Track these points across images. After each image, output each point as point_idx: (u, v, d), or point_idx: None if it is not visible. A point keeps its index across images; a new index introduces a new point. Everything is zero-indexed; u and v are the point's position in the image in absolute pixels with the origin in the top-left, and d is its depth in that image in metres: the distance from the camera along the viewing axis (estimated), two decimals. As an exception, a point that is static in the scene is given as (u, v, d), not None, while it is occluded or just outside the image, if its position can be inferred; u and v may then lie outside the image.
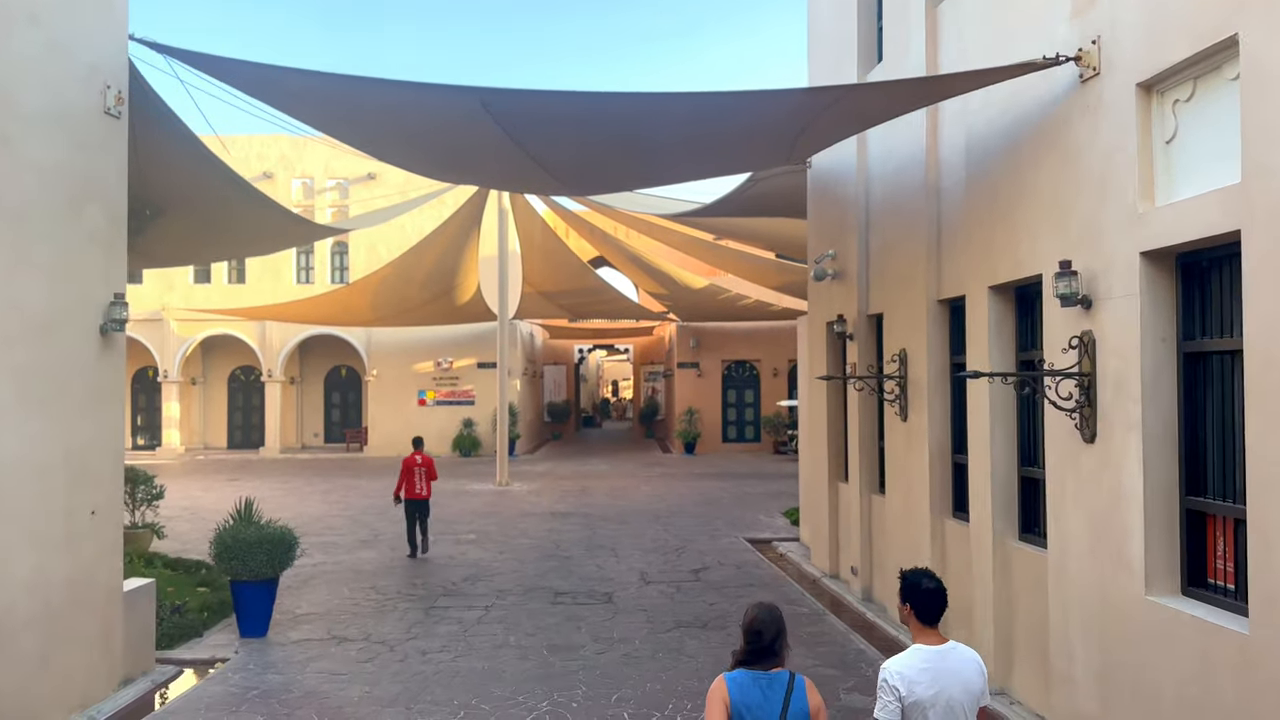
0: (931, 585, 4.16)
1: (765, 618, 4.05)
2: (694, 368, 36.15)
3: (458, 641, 10.11)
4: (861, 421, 11.81)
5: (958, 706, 4.00)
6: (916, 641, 4.15)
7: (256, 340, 36.08)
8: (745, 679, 3.96)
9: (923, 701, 3.96)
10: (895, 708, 3.97)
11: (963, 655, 4.11)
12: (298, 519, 19.09)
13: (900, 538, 10.45)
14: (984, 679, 4.14)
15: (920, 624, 4.15)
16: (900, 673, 4.01)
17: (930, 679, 3.98)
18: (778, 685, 3.93)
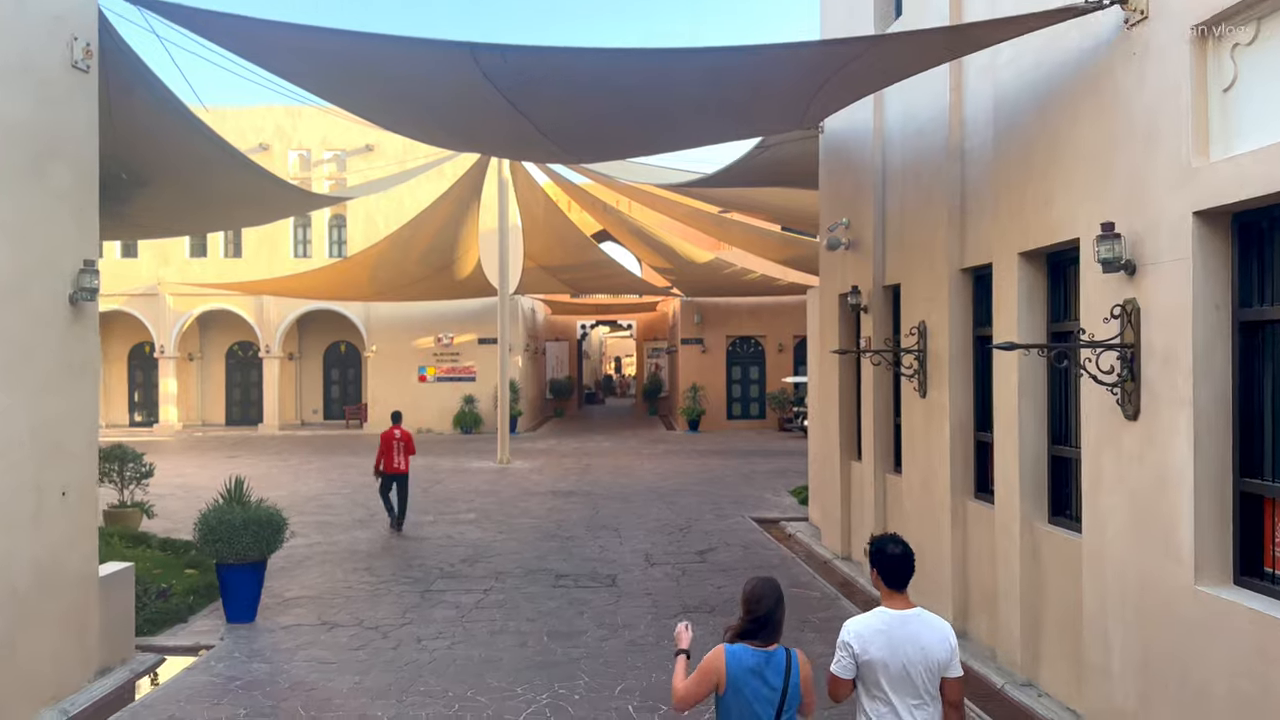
0: (897, 551, 4.20)
1: (765, 590, 4.02)
2: (698, 343, 35.61)
3: (454, 627, 9.65)
4: (876, 397, 11.30)
5: (913, 671, 4.02)
6: (883, 605, 4.21)
7: (254, 315, 35.58)
8: (745, 655, 3.92)
9: (875, 662, 4.03)
10: (849, 664, 4.08)
11: (926, 623, 4.13)
12: (293, 497, 18.70)
13: (918, 519, 9.97)
14: (950, 651, 4.11)
15: (887, 588, 4.21)
16: (857, 632, 4.11)
17: (885, 641, 4.05)
18: (776, 664, 3.91)
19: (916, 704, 4.06)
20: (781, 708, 3.88)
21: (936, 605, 9.40)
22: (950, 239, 9.16)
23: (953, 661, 4.12)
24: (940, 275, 9.35)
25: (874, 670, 4.05)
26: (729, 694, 3.89)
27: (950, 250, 9.17)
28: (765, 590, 4.04)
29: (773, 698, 3.85)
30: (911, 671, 4.03)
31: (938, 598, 9.42)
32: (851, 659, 4.08)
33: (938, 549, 9.44)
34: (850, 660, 4.08)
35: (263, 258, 34.85)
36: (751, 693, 3.85)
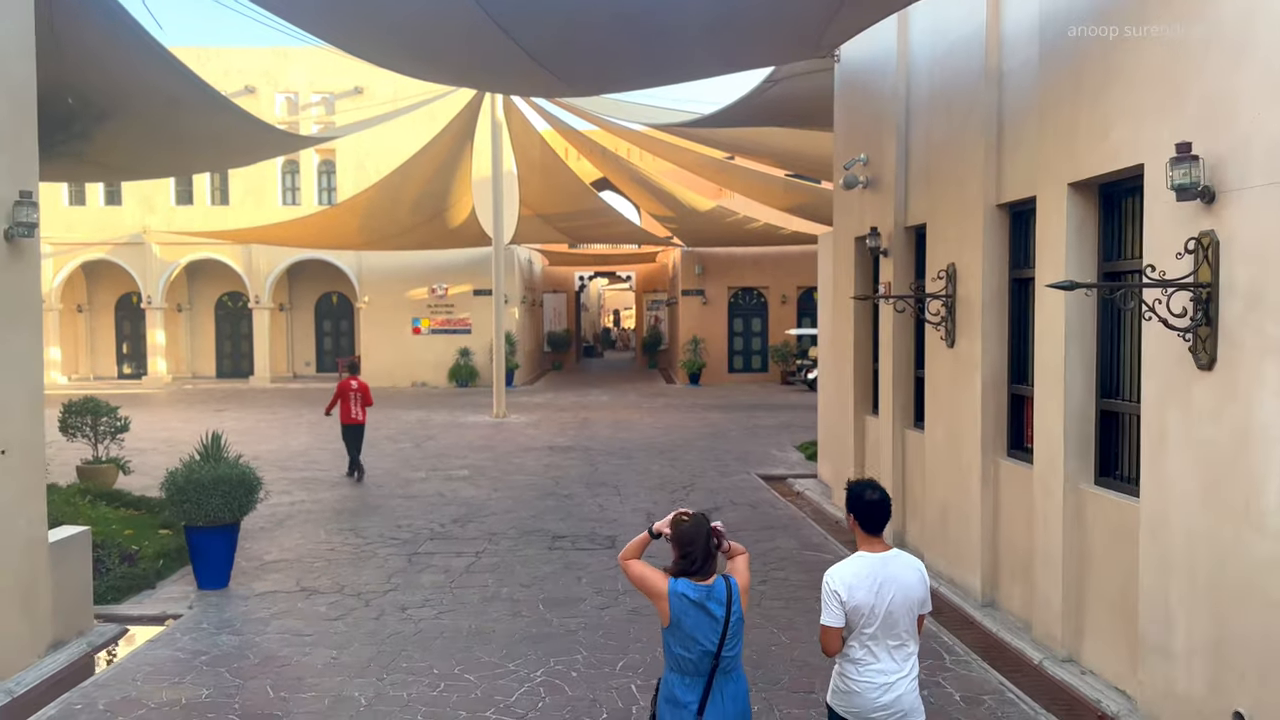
0: (874, 496, 4.22)
1: (696, 531, 4.06)
2: (699, 295, 34.74)
3: (443, 594, 8.95)
4: (896, 348, 10.51)
5: (898, 610, 4.11)
6: (860, 549, 4.24)
7: (242, 265, 34.66)
8: (688, 590, 3.98)
9: (863, 606, 4.08)
10: (839, 613, 4.09)
11: (904, 563, 4.22)
12: (280, 452, 18.00)
13: (943, 478, 9.23)
14: (925, 587, 4.24)
15: (864, 533, 4.24)
16: (842, 579, 4.12)
17: (870, 585, 4.09)
18: (718, 594, 3.98)
19: (896, 645, 4.14)
20: (725, 635, 3.94)
21: (963, 571, 8.70)
22: (986, 172, 8.31)
23: (928, 597, 4.27)
24: (973, 212, 8.51)
25: (860, 615, 4.09)
26: (672, 626, 3.97)
27: (985, 184, 8.32)
28: (696, 532, 4.06)
29: (716, 626, 3.92)
30: (895, 612, 4.11)
31: (964, 563, 8.72)
32: (840, 606, 4.10)
33: (964, 511, 8.72)
34: (839, 608, 4.09)
35: (250, 205, 33.82)
36: (693, 624, 3.92)
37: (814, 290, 35.06)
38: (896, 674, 4.12)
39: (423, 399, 29.33)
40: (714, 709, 3.93)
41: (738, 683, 4.04)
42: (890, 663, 4.12)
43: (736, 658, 4.04)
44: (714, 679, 3.94)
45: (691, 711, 3.94)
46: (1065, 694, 6.69)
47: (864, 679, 4.12)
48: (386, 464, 16.66)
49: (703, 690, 3.94)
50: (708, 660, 3.93)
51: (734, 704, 3.98)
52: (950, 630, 7.90)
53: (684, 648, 3.95)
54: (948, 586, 8.97)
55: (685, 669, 3.97)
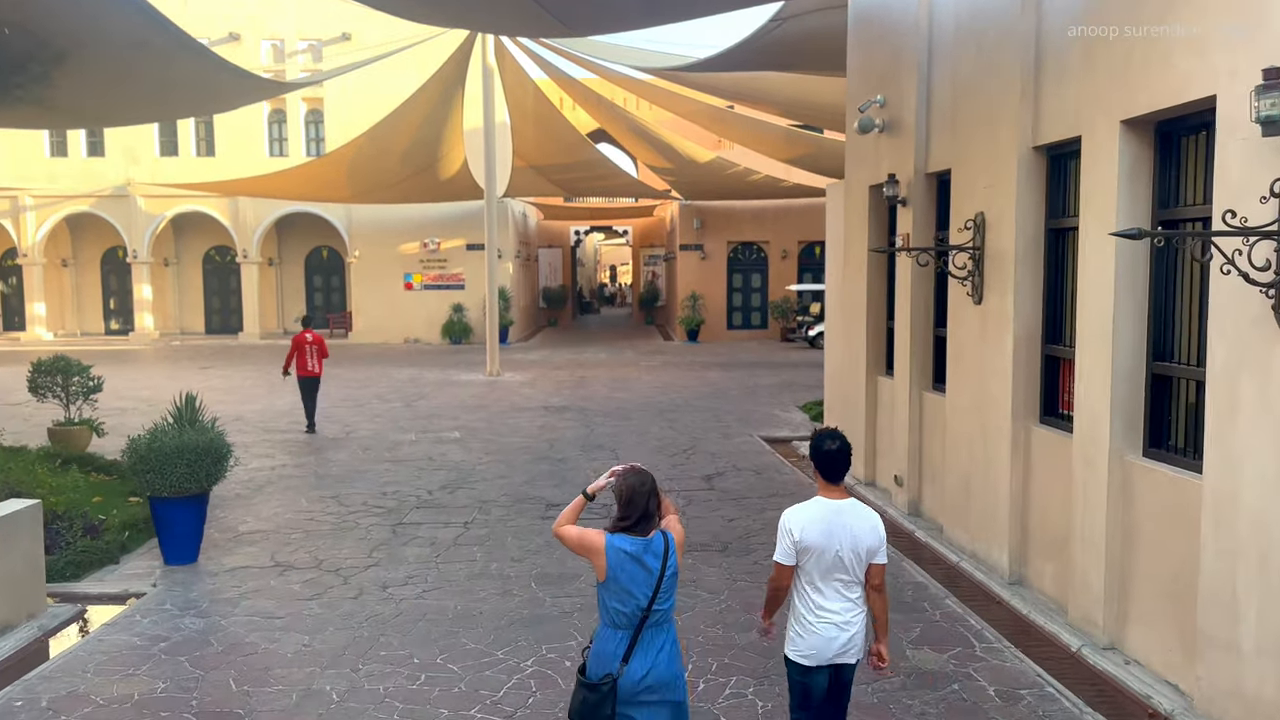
0: (833, 446, 4.35)
1: (637, 489, 4.08)
2: (697, 250, 33.92)
3: (427, 570, 8.32)
4: (914, 304, 9.80)
5: (846, 555, 4.26)
6: (819, 495, 4.39)
7: (229, 218, 33.76)
8: (625, 544, 4.01)
9: (812, 547, 4.26)
10: (790, 551, 4.30)
11: (858, 513, 4.35)
12: (265, 413, 17.33)
13: (966, 445, 8.57)
14: (878, 538, 4.34)
15: (824, 481, 4.40)
16: (797, 520, 4.31)
17: (822, 529, 4.26)
18: (655, 549, 4.02)
19: (845, 587, 4.32)
20: (658, 588, 3.98)
21: (987, 545, 8.07)
22: (1021, 110, 7.54)
23: (880, 549, 4.36)
24: (1006, 155, 7.75)
25: (810, 555, 4.28)
26: (608, 580, 3.99)
27: (1020, 124, 7.55)
28: (637, 490, 4.09)
29: (651, 579, 3.98)
30: (844, 556, 4.27)
31: (989, 537, 8.09)
32: (792, 545, 4.30)
33: (990, 480, 8.06)
34: (791, 547, 4.30)
35: (236, 156, 32.82)
36: (628, 578, 3.97)
37: (816, 245, 34.37)
38: (849, 611, 4.32)
39: (415, 356, 28.62)
40: (639, 659, 3.98)
41: (666, 634, 4.07)
42: (842, 601, 4.31)
43: (668, 611, 4.07)
44: (642, 631, 3.99)
45: (617, 657, 3.97)
46: (1110, 687, 6.08)
47: (823, 617, 4.30)
48: (375, 425, 16.00)
49: (629, 641, 3.98)
50: (639, 613, 3.98)
51: (660, 654, 4.01)
52: (977, 611, 7.28)
53: (619, 601, 3.99)
54: (970, 561, 8.34)
55: (618, 623, 4.01)
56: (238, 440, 14.58)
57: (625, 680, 3.94)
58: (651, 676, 3.97)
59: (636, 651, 3.97)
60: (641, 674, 3.95)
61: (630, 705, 3.96)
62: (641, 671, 3.95)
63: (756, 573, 8.12)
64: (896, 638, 6.73)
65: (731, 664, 6.33)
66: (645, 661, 3.97)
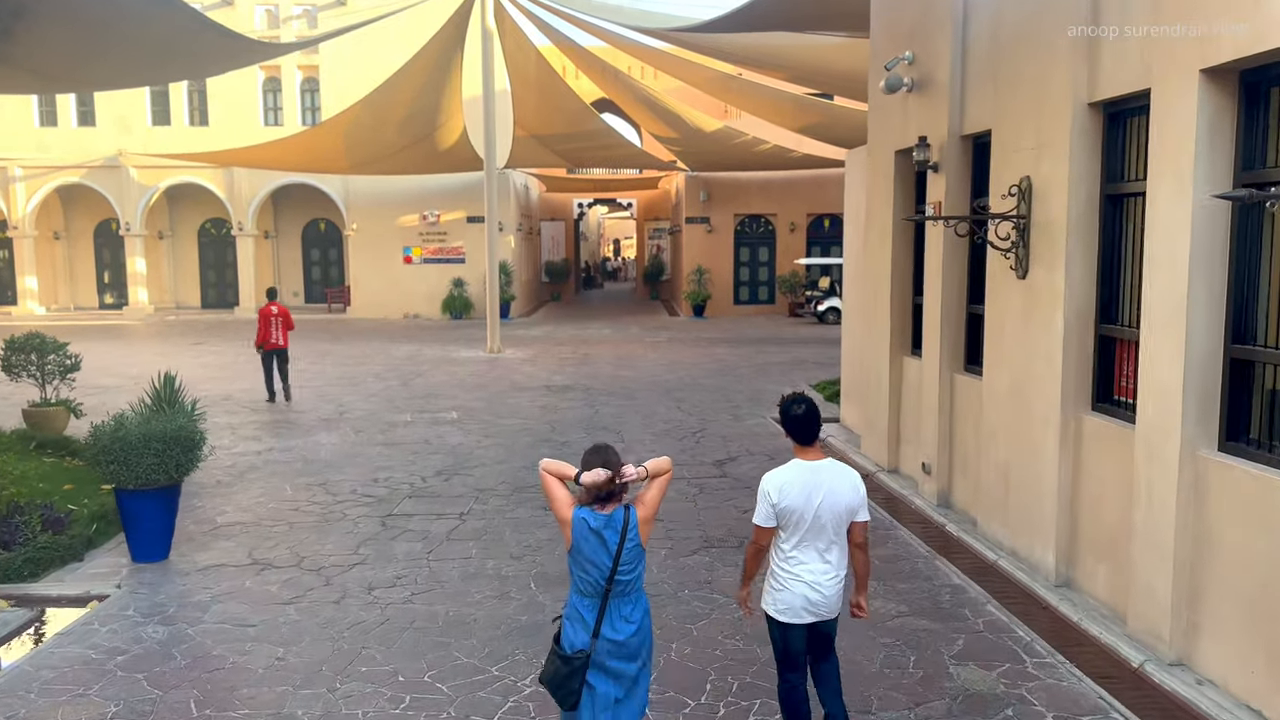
0: (800, 411, 4.46)
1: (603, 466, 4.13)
2: (704, 223, 33.07)
3: (417, 569, 7.63)
4: (946, 279, 9.04)
5: (825, 514, 4.37)
6: (795, 457, 4.48)
7: (224, 189, 32.96)
8: (589, 518, 4.09)
9: (792, 508, 4.36)
10: (770, 513, 4.40)
11: (835, 472, 4.46)
12: (254, 392, 16.64)
13: (1005, 433, 7.84)
14: (858, 495, 4.47)
15: (798, 444, 4.50)
16: (775, 483, 4.41)
17: (800, 489, 4.35)
18: (615, 523, 4.10)
19: (824, 547, 4.40)
20: (617, 561, 4.08)
21: (1029, 543, 7.37)
22: (1074, 62, 6.75)
23: (861, 507, 4.47)
24: (1057, 113, 6.97)
25: (790, 516, 4.35)
26: (574, 550, 4.13)
27: (1075, 78, 6.77)
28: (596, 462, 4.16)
29: (610, 553, 4.07)
30: (823, 516, 4.35)
31: (1033, 534, 7.39)
32: (771, 508, 4.38)
33: (1034, 473, 7.35)
34: (770, 509, 4.38)
35: (230, 126, 32.03)
36: (590, 550, 4.09)
37: (825, 218, 33.53)
38: (825, 573, 4.42)
39: (414, 332, 27.91)
40: (608, 627, 4.10)
41: (635, 603, 4.18)
42: (819, 563, 4.41)
43: (634, 581, 4.16)
44: (608, 600, 4.11)
45: (589, 627, 4.10)
46: (1177, 708, 5.40)
47: (798, 577, 4.40)
48: (370, 405, 15.30)
49: (598, 610, 4.11)
50: (603, 583, 4.09)
51: (627, 624, 4.13)
52: (1023, 619, 6.58)
53: (583, 570, 4.13)
54: (1010, 560, 7.64)
55: (585, 590, 4.15)
56: (224, 422, 13.94)
57: (597, 651, 4.09)
58: (620, 648, 4.11)
59: (605, 621, 4.12)
60: (608, 644, 4.10)
61: (599, 669, 4.08)
62: (608, 641, 4.10)
63: (777, 573, 7.43)
64: (933, 651, 6.06)
65: (755, 684, 5.64)
66: (613, 630, 4.11)
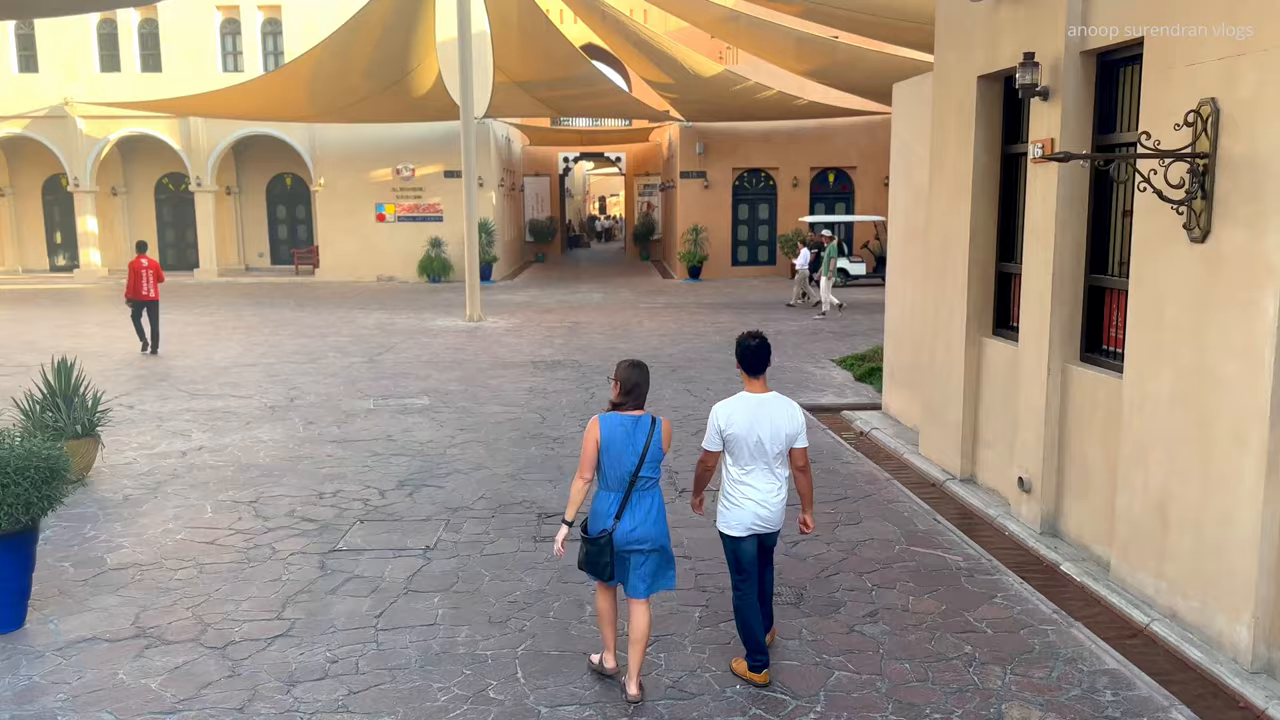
0: (755, 343, 5.00)
1: (637, 378, 4.84)
2: (700, 178, 30.75)
3: (361, 646, 5.54)
4: (1061, 241, 6.92)
5: (770, 441, 4.88)
6: (744, 390, 5.01)
7: (181, 141, 30.41)
8: (614, 420, 4.78)
9: (739, 437, 4.89)
10: (718, 440, 4.97)
11: (779, 405, 4.96)
12: (198, 370, 14.45)
13: (1165, 450, 5.78)
14: (797, 425, 4.98)
15: (748, 375, 5.03)
16: (725, 413, 4.94)
17: (745, 419, 4.89)
18: (642, 426, 4.76)
19: (767, 470, 4.95)
20: (644, 457, 4.72)
21: (1208, 608, 5.34)
22: (1313, -74, 4.62)
23: (800, 434, 4.99)
24: (1260, 10, 4.83)
25: (737, 443, 4.91)
26: (603, 452, 4.74)
27: (1313, -52, 4.63)
28: (635, 376, 4.84)
29: (637, 449, 4.71)
30: (766, 442, 4.88)
31: (1213, 596, 5.35)
32: (719, 435, 4.95)
33: (1216, 511, 5.31)
34: (718, 436, 4.95)
35: (185, 72, 29.41)
36: (619, 447, 4.71)
37: (829, 172, 31.24)
38: (769, 493, 4.96)
39: (387, 297, 25.64)
40: (628, 516, 4.74)
41: (652, 498, 4.83)
42: (765, 483, 4.96)
43: (653, 479, 4.79)
44: (631, 493, 4.74)
45: (610, 515, 4.74)
46: None
47: (747, 496, 4.95)
48: (326, 388, 13.13)
49: (621, 501, 4.74)
50: (629, 477, 4.72)
51: (646, 513, 4.77)
52: (1204, 713, 4.58)
53: (612, 467, 4.74)
54: (1169, 626, 5.62)
55: (611, 485, 4.77)
56: (152, 410, 11.77)
57: (618, 533, 4.74)
58: (639, 531, 4.77)
59: (626, 510, 4.75)
60: (630, 528, 4.75)
61: (624, 552, 4.76)
62: (630, 526, 4.75)
63: (854, 656, 5.40)
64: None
65: None
66: (634, 518, 4.75)
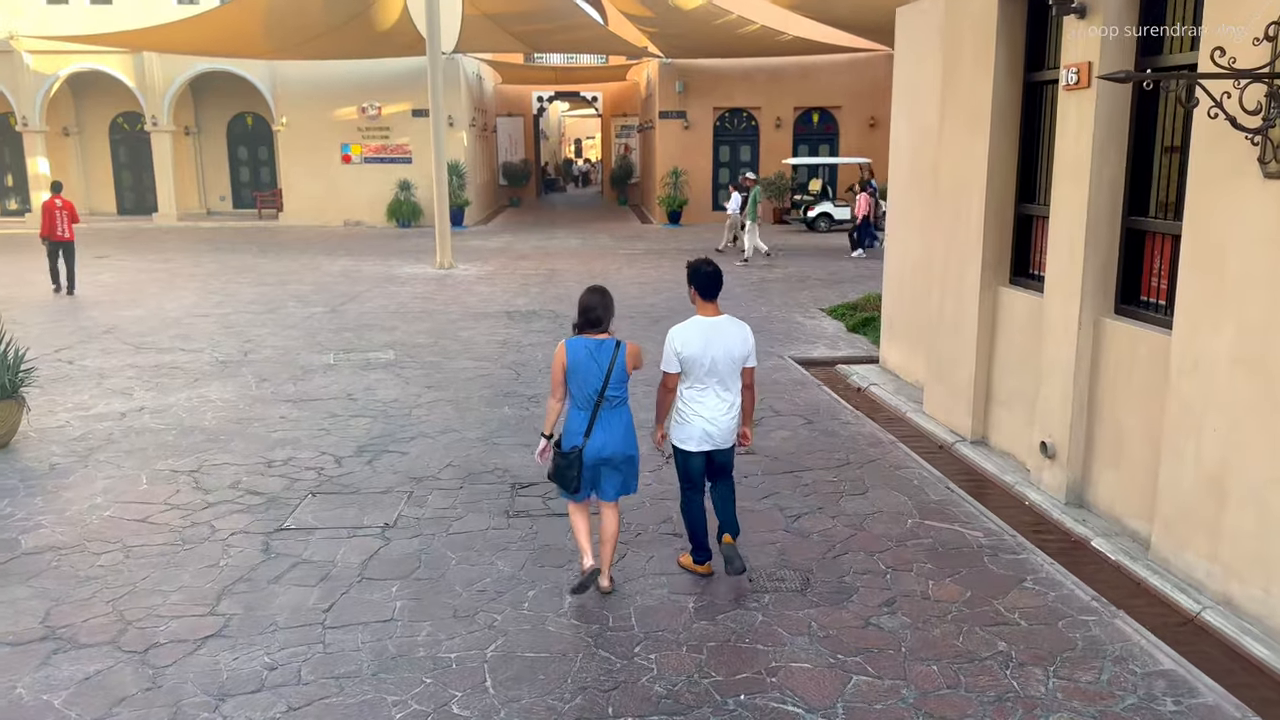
0: (710, 269, 5.28)
1: (596, 302, 5.11)
2: (679, 118, 29.70)
3: (306, 648, 4.80)
4: (1096, 178, 6.15)
5: (723, 362, 5.21)
6: (697, 314, 5.29)
7: (135, 78, 28.95)
8: (579, 344, 5.07)
9: (693, 358, 5.18)
10: (675, 362, 5.21)
11: (730, 327, 5.27)
12: (146, 321, 13.53)
13: (1225, 420, 5.07)
14: (748, 347, 5.30)
15: (701, 300, 5.30)
16: (680, 336, 5.22)
17: (700, 341, 5.19)
18: (605, 348, 5.06)
19: (721, 389, 5.25)
20: (608, 378, 5.03)
21: (1270, 593, 4.70)
22: None
23: (750, 354, 5.32)
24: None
25: (690, 364, 5.19)
26: (569, 374, 5.07)
27: None
28: (592, 299, 5.12)
29: (601, 370, 5.01)
30: (719, 362, 5.19)
31: (1276, 579, 4.69)
32: (676, 356, 5.20)
33: None
34: (675, 358, 5.20)
35: (138, 4, 27.79)
36: (585, 370, 5.03)
37: (814, 112, 30.19)
38: (720, 409, 5.25)
39: (354, 242, 24.59)
40: (598, 430, 5.06)
41: (619, 416, 5.13)
42: (716, 401, 5.24)
43: (619, 397, 5.11)
44: (599, 411, 5.05)
45: (580, 432, 5.05)
46: None
47: (697, 413, 5.24)
48: (284, 341, 12.25)
49: (589, 418, 5.05)
50: (595, 396, 5.03)
51: (613, 428, 5.09)
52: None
53: (579, 386, 5.05)
54: (1223, 615, 4.93)
55: (581, 404, 5.08)
56: (94, 366, 10.86)
57: (588, 449, 5.06)
58: (608, 448, 5.09)
59: (596, 427, 5.05)
60: (600, 444, 5.07)
61: (594, 466, 5.10)
62: (600, 442, 5.07)
63: (873, 656, 4.72)
64: None
65: None
66: (603, 435, 5.07)
